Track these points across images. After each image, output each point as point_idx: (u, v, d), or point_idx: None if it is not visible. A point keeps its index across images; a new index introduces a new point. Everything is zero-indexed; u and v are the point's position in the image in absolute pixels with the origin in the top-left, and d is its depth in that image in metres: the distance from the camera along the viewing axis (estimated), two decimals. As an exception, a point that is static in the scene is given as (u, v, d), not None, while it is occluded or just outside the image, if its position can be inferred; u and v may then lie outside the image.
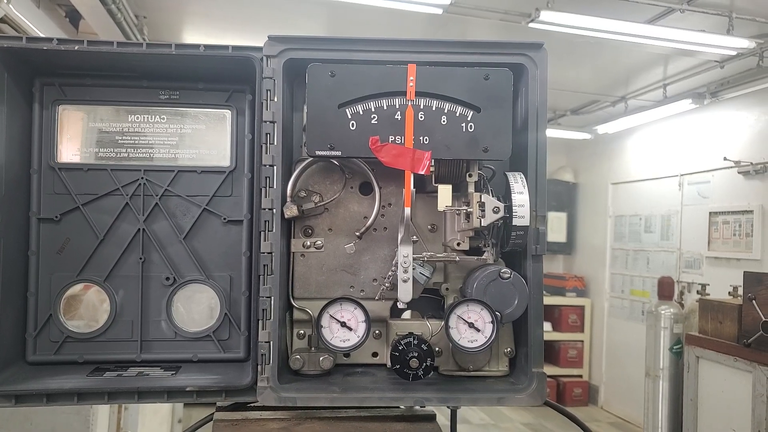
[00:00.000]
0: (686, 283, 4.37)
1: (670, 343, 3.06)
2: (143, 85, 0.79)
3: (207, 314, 0.79)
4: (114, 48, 0.72)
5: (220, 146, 0.80)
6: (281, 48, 0.72)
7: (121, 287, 0.78)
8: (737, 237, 3.96)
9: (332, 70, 0.67)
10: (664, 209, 4.79)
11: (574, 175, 6.16)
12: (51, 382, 0.71)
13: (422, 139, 0.66)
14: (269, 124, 0.72)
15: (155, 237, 0.79)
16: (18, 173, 0.75)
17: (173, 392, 0.71)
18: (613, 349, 5.43)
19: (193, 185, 0.79)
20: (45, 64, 0.76)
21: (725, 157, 4.01)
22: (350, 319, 0.72)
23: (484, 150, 0.66)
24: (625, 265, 5.28)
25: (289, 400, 0.71)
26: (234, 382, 0.72)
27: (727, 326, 2.48)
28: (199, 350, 0.79)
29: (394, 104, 0.66)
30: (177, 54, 0.72)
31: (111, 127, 0.79)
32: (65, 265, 0.77)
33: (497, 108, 0.66)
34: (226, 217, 0.79)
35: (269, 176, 0.72)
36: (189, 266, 0.79)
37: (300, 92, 0.79)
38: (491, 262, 0.74)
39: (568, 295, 5.71)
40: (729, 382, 2.45)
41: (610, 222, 5.51)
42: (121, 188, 0.78)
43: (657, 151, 4.95)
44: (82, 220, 0.77)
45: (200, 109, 0.80)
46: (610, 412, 5.32)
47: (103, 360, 0.77)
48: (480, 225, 0.68)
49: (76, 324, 0.77)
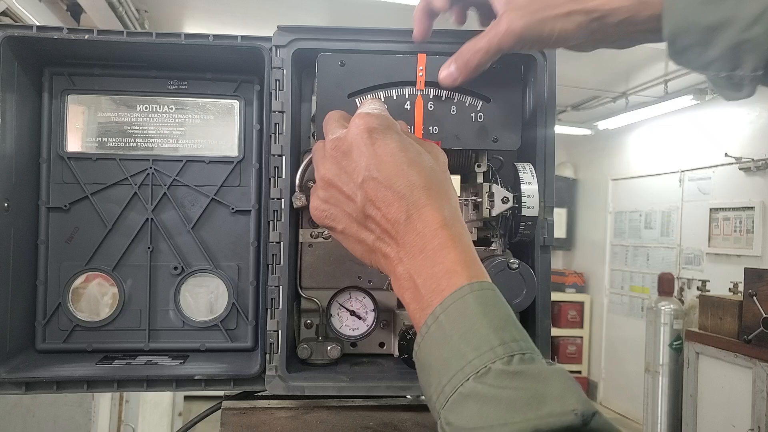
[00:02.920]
0: (686, 280, 4.38)
1: (669, 339, 3.06)
2: (151, 75, 0.79)
3: (215, 304, 0.80)
4: (123, 38, 0.72)
5: (228, 136, 0.80)
6: (290, 38, 0.72)
7: (130, 276, 0.78)
8: (738, 233, 3.96)
9: (342, 59, 0.67)
10: (664, 205, 4.79)
11: (574, 170, 6.15)
12: (60, 370, 0.71)
13: (432, 129, 0.66)
14: (278, 114, 0.72)
15: (163, 227, 0.79)
16: (27, 162, 0.75)
17: (182, 380, 0.72)
18: (612, 345, 5.44)
19: (202, 175, 0.79)
20: (54, 54, 0.76)
21: (726, 153, 4.01)
22: (359, 308, 0.72)
23: (494, 140, 0.66)
24: (624, 261, 5.28)
25: (298, 389, 0.71)
26: (242, 371, 0.72)
27: (727, 322, 2.49)
28: (207, 339, 0.79)
29: (404, 94, 0.66)
30: (186, 44, 0.72)
31: (119, 116, 0.79)
32: (74, 254, 0.77)
33: (507, 98, 0.66)
34: (234, 207, 0.80)
35: (278, 166, 0.72)
36: (197, 256, 0.79)
37: (308, 83, 0.80)
38: (499, 252, 0.74)
39: (568, 291, 5.72)
40: (729, 378, 2.46)
41: (610, 218, 5.52)
42: (130, 178, 0.78)
43: (658, 147, 4.95)
44: (91, 209, 0.78)
45: (208, 99, 0.80)
46: (609, 408, 5.34)
47: (112, 349, 0.78)
48: (489, 215, 0.69)
49: (85, 313, 0.78)
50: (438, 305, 0.44)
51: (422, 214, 0.47)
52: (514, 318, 0.44)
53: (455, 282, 0.44)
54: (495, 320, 0.43)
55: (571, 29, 0.57)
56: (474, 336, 0.42)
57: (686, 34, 0.52)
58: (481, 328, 0.42)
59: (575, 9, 0.56)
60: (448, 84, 0.63)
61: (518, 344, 0.42)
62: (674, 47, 0.54)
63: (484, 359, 0.40)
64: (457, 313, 0.43)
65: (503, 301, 0.45)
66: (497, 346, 0.41)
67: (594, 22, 0.56)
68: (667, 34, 0.54)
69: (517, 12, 0.57)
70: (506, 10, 0.58)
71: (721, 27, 0.51)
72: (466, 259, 0.46)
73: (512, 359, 0.40)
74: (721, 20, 0.51)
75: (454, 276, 0.45)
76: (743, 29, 0.50)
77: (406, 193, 0.47)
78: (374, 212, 0.48)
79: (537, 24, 0.56)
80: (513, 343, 0.41)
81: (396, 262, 0.48)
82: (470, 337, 0.42)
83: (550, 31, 0.57)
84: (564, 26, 0.56)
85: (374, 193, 0.48)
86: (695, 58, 0.54)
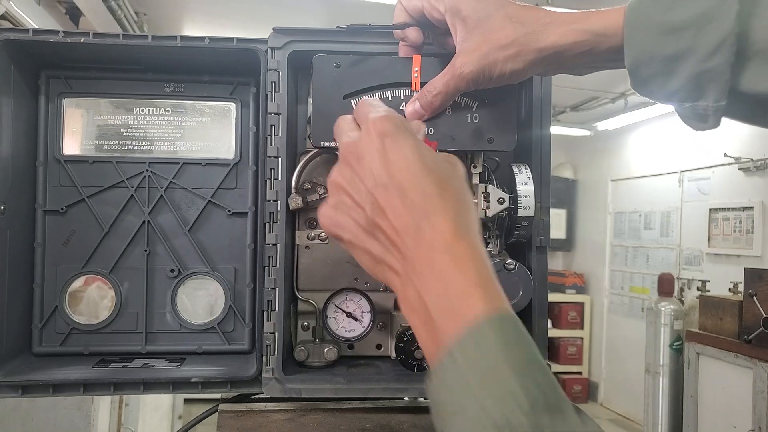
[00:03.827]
0: (686, 280, 4.37)
1: (670, 339, 3.06)
2: (148, 77, 0.79)
3: (212, 306, 0.80)
4: (119, 40, 0.72)
5: (225, 139, 0.80)
6: (286, 40, 0.72)
7: (126, 279, 0.78)
8: (737, 233, 3.96)
9: (337, 61, 0.67)
10: (663, 206, 4.79)
11: (573, 171, 6.15)
12: (57, 373, 0.71)
13: (427, 130, 0.66)
14: (274, 116, 0.72)
15: (160, 229, 0.79)
16: (24, 165, 0.75)
17: (178, 383, 0.72)
18: (612, 346, 5.44)
19: (198, 177, 0.80)
20: (51, 57, 0.76)
21: (725, 154, 4.01)
22: (356, 309, 0.72)
23: (489, 141, 0.66)
24: (624, 261, 5.28)
25: (294, 391, 0.71)
26: (239, 374, 0.72)
27: (727, 323, 2.49)
28: (204, 342, 0.79)
29: (399, 95, 0.67)
30: (182, 46, 0.72)
31: (116, 119, 0.79)
32: (71, 257, 0.77)
33: (502, 99, 0.66)
34: (231, 210, 0.80)
35: (274, 168, 0.72)
36: (194, 258, 0.79)
37: (304, 85, 0.80)
38: (495, 253, 0.74)
39: (568, 292, 5.71)
40: (729, 378, 2.46)
41: (609, 219, 5.51)
42: (126, 180, 0.78)
43: (657, 148, 4.95)
44: (88, 212, 0.78)
45: (205, 101, 0.80)
46: (609, 409, 5.33)
47: (109, 351, 0.78)
48: (485, 216, 0.69)
49: (82, 316, 0.78)
50: (454, 342, 0.39)
51: (433, 224, 0.42)
52: (537, 356, 0.40)
53: (471, 309, 0.39)
54: (517, 362, 0.38)
55: (522, 68, 0.57)
56: (494, 383, 0.38)
57: (648, 64, 0.52)
58: (502, 373, 0.38)
59: (525, 49, 0.56)
60: (414, 119, 0.64)
61: (541, 390, 0.37)
62: (636, 78, 0.54)
63: (504, 409, 0.36)
64: (475, 354, 0.39)
65: (524, 335, 0.40)
66: (519, 393, 0.36)
67: (548, 59, 0.56)
68: (629, 65, 0.53)
69: (468, 56, 0.57)
70: (459, 51, 0.59)
71: (682, 57, 0.50)
72: (483, 279, 0.41)
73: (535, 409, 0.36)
74: (681, 50, 0.50)
75: (469, 300, 0.40)
76: (703, 59, 0.50)
77: (418, 201, 0.43)
78: (383, 221, 0.44)
79: (487, 67, 0.57)
80: (535, 389, 0.37)
81: (403, 277, 0.43)
82: (489, 383, 0.38)
83: (501, 72, 0.57)
84: (514, 67, 0.57)
85: (384, 201, 0.44)
86: (658, 89, 0.54)
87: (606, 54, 0.55)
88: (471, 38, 0.57)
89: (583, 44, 0.55)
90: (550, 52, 0.56)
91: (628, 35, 0.52)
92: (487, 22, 0.56)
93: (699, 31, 0.50)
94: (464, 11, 0.57)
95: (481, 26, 0.57)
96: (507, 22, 0.56)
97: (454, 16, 0.58)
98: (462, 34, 0.58)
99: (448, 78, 0.60)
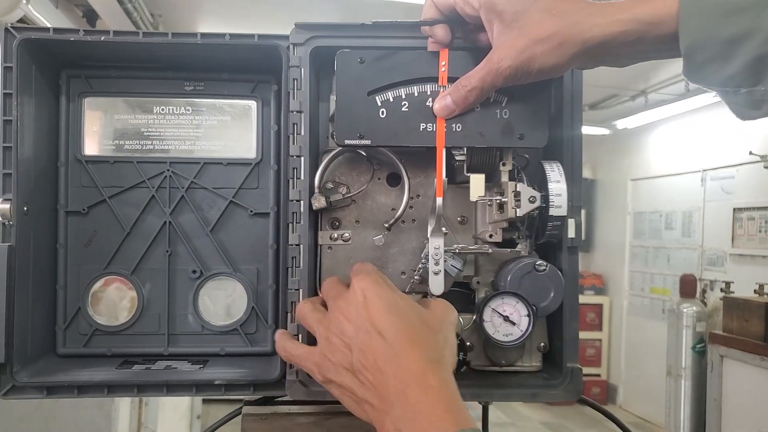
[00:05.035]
0: (709, 281, 4.29)
1: (692, 341, 2.99)
2: (168, 76, 0.78)
3: (234, 308, 0.79)
4: (139, 38, 0.71)
5: (246, 138, 0.79)
6: (308, 35, 0.70)
7: (148, 280, 0.78)
8: (763, 233, 3.87)
9: (361, 56, 0.65)
10: (685, 205, 4.70)
11: (592, 171, 6.08)
12: (81, 374, 0.70)
13: (455, 126, 0.64)
14: (296, 114, 0.70)
15: (181, 230, 0.78)
16: (46, 166, 0.75)
17: (201, 386, 0.70)
18: (632, 348, 5.35)
19: (219, 177, 0.78)
20: (71, 56, 0.75)
21: (751, 152, 3.92)
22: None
23: (520, 137, 0.64)
24: (645, 262, 5.20)
25: (319, 394, 0.69)
26: (262, 376, 0.71)
27: (753, 324, 2.43)
28: (227, 344, 0.78)
29: (426, 91, 0.65)
30: (202, 43, 0.71)
31: (136, 119, 0.78)
32: (93, 258, 0.77)
33: (533, 93, 0.64)
34: (253, 210, 0.78)
35: (296, 167, 0.70)
36: (215, 259, 0.78)
37: (326, 82, 0.78)
38: (525, 254, 0.72)
39: (586, 293, 5.64)
40: (755, 382, 2.40)
41: (629, 219, 5.43)
42: (147, 180, 0.77)
43: (678, 146, 4.86)
44: (109, 212, 0.77)
45: (225, 100, 0.79)
46: (629, 412, 5.25)
47: (131, 353, 0.77)
48: (515, 215, 0.66)
49: (104, 317, 0.77)
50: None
51: (406, 362, 0.49)
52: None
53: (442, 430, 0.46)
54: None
55: (565, 62, 0.55)
56: None
57: (705, 48, 0.50)
58: None
59: (568, 42, 0.54)
60: (443, 116, 0.63)
61: None
62: (691, 63, 0.51)
63: None
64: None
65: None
66: None
67: (592, 50, 0.54)
68: (685, 49, 0.51)
69: (506, 50, 0.56)
70: (496, 46, 0.57)
71: (742, 39, 0.48)
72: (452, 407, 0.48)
73: None
74: (741, 32, 0.48)
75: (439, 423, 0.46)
76: (765, 41, 0.47)
77: (392, 341, 0.51)
78: (365, 361, 0.51)
79: (526, 62, 0.55)
80: None
81: (380, 411, 0.50)
82: None
83: (541, 66, 0.55)
84: (557, 61, 0.55)
85: (366, 344, 0.52)
86: (713, 74, 0.51)
87: (653, 43, 0.53)
88: (508, 33, 0.55)
89: (630, 34, 0.52)
90: (595, 43, 0.53)
91: (684, 18, 0.50)
92: (525, 15, 0.54)
93: (762, 12, 0.47)
94: (500, 5, 0.55)
95: (519, 20, 0.54)
96: (546, 14, 0.54)
97: (490, 11, 0.56)
98: (498, 29, 0.56)
99: (484, 73, 0.58)
